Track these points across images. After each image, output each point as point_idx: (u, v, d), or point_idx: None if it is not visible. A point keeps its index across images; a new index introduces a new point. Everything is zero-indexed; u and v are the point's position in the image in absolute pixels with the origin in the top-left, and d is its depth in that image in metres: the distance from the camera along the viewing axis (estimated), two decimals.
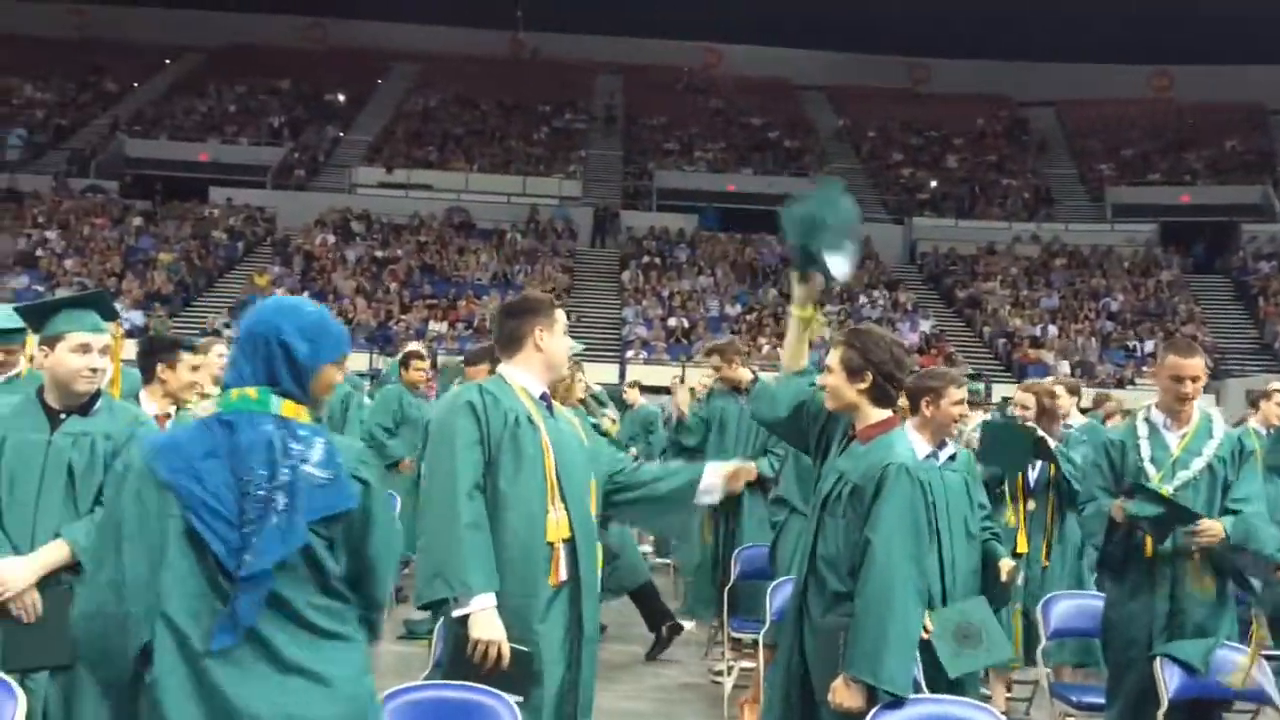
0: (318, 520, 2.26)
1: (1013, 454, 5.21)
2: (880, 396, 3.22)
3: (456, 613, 3.06)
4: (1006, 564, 4.34)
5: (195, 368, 4.26)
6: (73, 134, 31.76)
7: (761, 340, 21.46)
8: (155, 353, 4.34)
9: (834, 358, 3.28)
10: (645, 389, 11.72)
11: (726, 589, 5.66)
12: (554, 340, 3.27)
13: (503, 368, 3.29)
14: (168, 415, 4.25)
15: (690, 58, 38.76)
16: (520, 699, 3.04)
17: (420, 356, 8.08)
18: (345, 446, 2.37)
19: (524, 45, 38.63)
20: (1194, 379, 4.11)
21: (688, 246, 28.02)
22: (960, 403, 4.21)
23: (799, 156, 33.69)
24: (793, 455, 5.36)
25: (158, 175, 29.38)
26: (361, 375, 12.04)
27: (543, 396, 3.26)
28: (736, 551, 5.77)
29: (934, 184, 32.51)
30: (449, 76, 35.83)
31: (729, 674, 5.72)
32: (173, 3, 36.77)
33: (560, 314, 3.34)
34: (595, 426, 5.79)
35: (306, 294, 23.17)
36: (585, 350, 7.99)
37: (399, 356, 8.47)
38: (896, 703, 3.00)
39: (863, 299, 25.28)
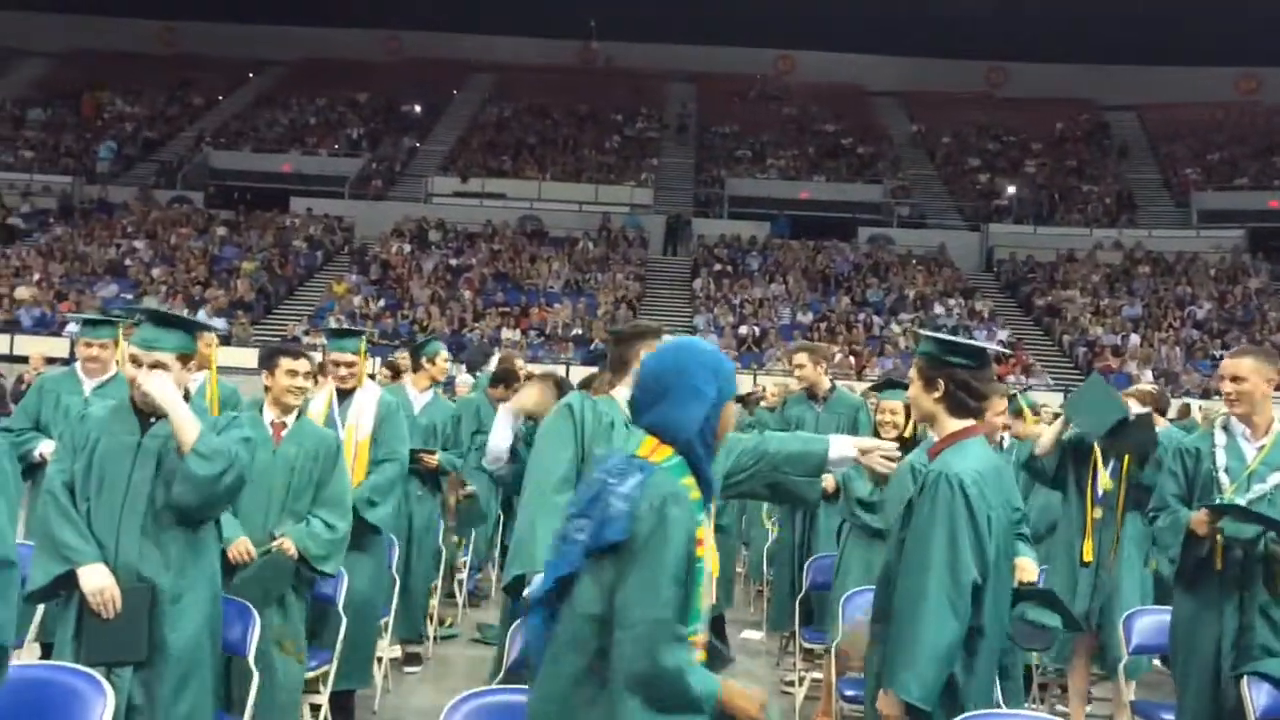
0: (593, 548, 2.24)
1: (1102, 414, 5.05)
2: (956, 405, 3.15)
3: (526, 592, 3.17)
4: (1024, 563, 4.20)
5: (292, 372, 4.37)
6: (161, 146, 32.76)
7: (834, 348, 21.27)
8: (260, 364, 4.55)
9: (913, 367, 3.26)
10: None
11: (798, 599, 5.63)
12: None
13: (614, 390, 3.49)
14: (283, 424, 4.39)
15: (762, 65, 38.65)
16: None
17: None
18: (656, 485, 2.26)
19: (597, 54, 38.89)
20: (1234, 379, 3.97)
21: (759, 254, 27.92)
22: (1002, 413, 4.17)
23: (872, 163, 33.38)
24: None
25: (241, 186, 30.19)
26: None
27: None
28: (809, 561, 5.73)
29: (1011, 190, 31.94)
30: (523, 86, 36.22)
31: (800, 684, 5.67)
32: (256, 18, 37.73)
33: (669, 340, 3.48)
34: None
35: (383, 301, 23.61)
36: None
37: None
38: (924, 715, 2.89)
39: (938, 308, 24.92)
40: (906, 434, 5.25)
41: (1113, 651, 4.91)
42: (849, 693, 4.57)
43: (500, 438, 4.84)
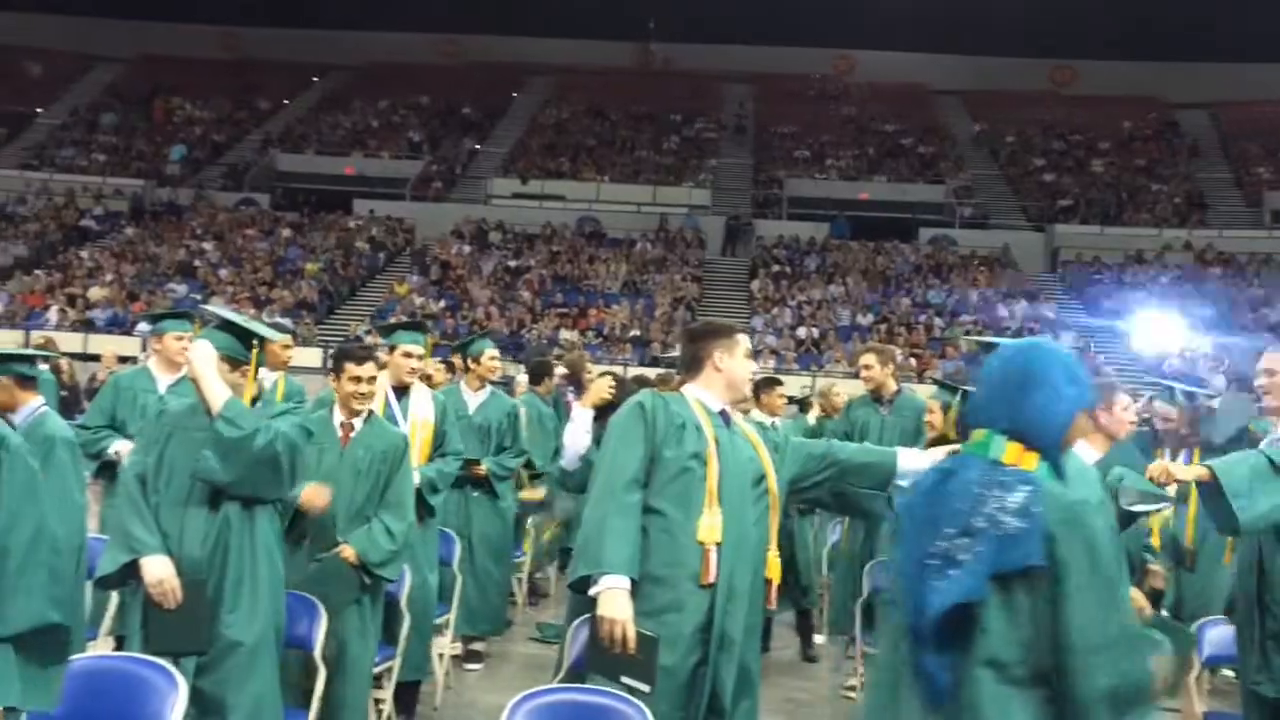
0: (997, 573, 2.07)
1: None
2: None
3: (590, 591, 3.17)
4: (1154, 569, 4.10)
5: (356, 378, 4.42)
6: (228, 150, 33.43)
7: (896, 350, 21.03)
8: (329, 367, 4.68)
9: None
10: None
11: (859, 603, 5.57)
12: (734, 362, 3.45)
13: (685, 387, 3.47)
14: (351, 426, 4.45)
15: (821, 64, 38.37)
16: (648, 688, 3.08)
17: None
18: (1053, 496, 2.13)
19: (655, 56, 38.89)
20: (1269, 372, 3.89)
21: (818, 255, 27.72)
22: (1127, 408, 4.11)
23: (934, 163, 32.98)
24: None
25: (306, 188, 30.69)
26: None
27: (721, 412, 3.41)
28: (869, 565, 5.67)
29: (1077, 190, 31.34)
30: (581, 88, 36.35)
31: (861, 689, 5.61)
32: (319, 24, 38.33)
33: (743, 340, 3.53)
34: None
35: (443, 302, 23.83)
36: None
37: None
38: None
39: (1001, 310, 24.54)
40: (950, 434, 5.22)
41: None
42: None
43: (578, 437, 4.84)
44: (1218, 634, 4.40)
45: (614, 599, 3.11)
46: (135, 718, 3.10)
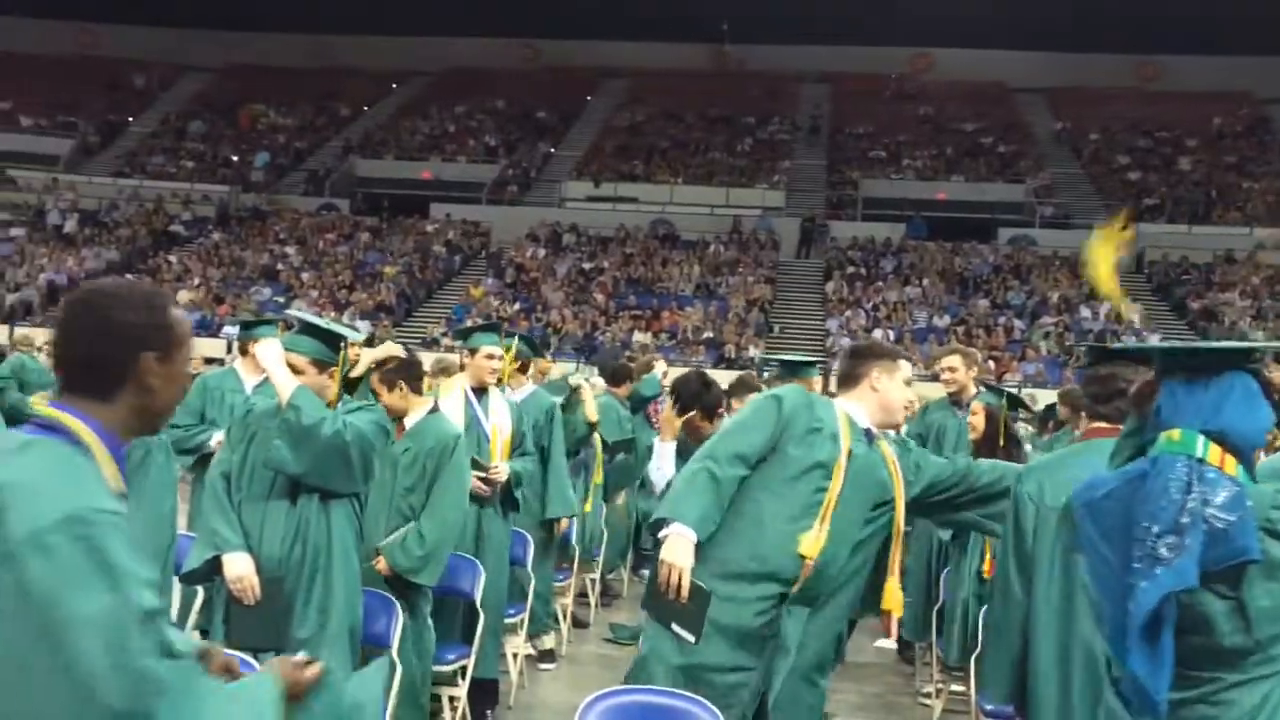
0: (1215, 568, 2.07)
1: None
2: None
3: (660, 533, 3.20)
4: None
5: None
6: (310, 156, 34.19)
7: (978, 353, 20.68)
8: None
9: None
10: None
11: (935, 609, 5.49)
12: (891, 385, 3.44)
13: (838, 399, 3.47)
14: (401, 427, 4.49)
15: (898, 63, 37.88)
16: (694, 639, 3.12)
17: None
18: (1257, 494, 2.13)
19: (729, 57, 38.78)
20: None
21: (893, 256, 27.38)
22: None
23: (1013, 162, 32.36)
24: None
25: (384, 193, 31.24)
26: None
27: (866, 431, 3.39)
28: (945, 571, 5.59)
29: (1164, 188, 30.48)
30: (655, 91, 36.42)
31: (938, 696, 5.53)
32: (398, 31, 38.97)
33: (905, 365, 3.53)
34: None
35: (517, 305, 24.06)
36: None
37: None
38: None
39: (1084, 311, 23.98)
40: (998, 439, 5.14)
41: None
42: (989, 708, 4.44)
43: (665, 473, 4.89)
44: None
45: (677, 544, 3.13)
46: None
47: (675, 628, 3.14)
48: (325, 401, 3.70)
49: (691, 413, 5.00)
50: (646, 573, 6.47)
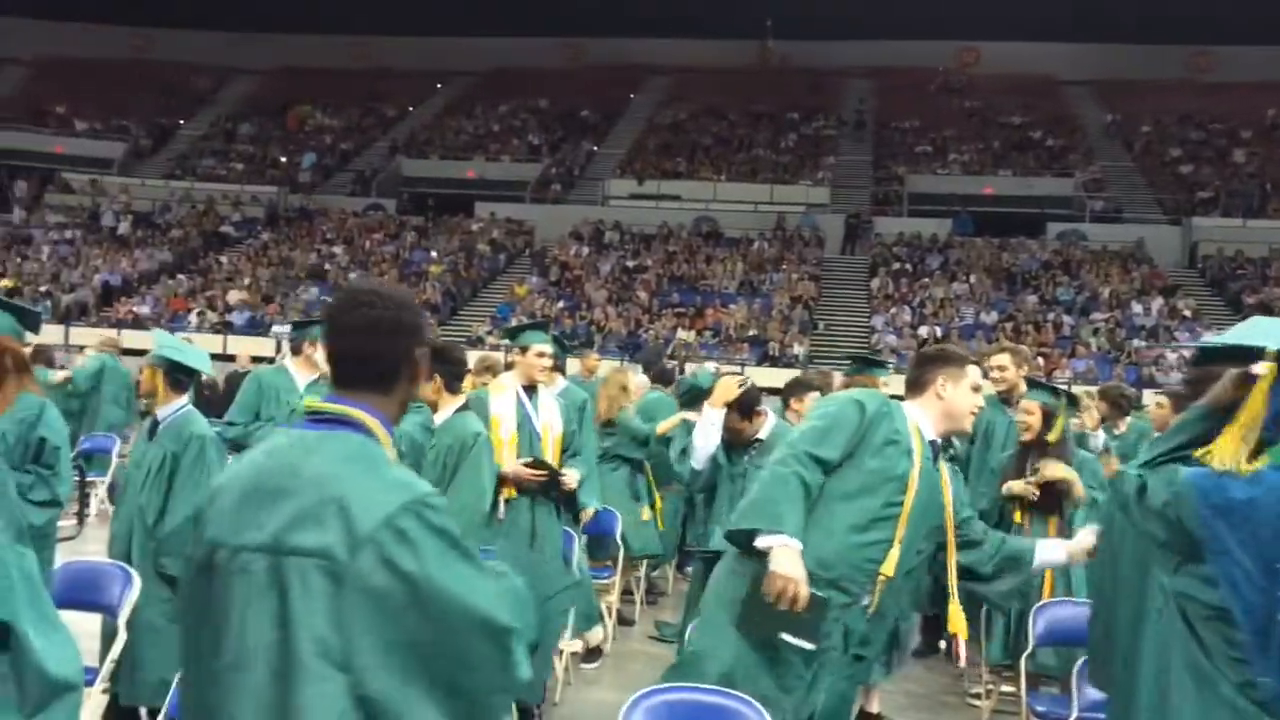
0: None
1: None
2: None
3: (759, 542, 3.12)
4: None
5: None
6: (356, 156, 34.55)
7: (1028, 351, 20.42)
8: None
9: None
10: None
11: (983, 609, 5.41)
12: (957, 392, 3.37)
13: (906, 405, 3.42)
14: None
15: (944, 57, 37.51)
16: (813, 646, 3.10)
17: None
18: None
19: (773, 54, 38.61)
20: None
21: (939, 252, 27.11)
22: None
23: (1062, 156, 31.90)
24: None
25: (429, 193, 31.49)
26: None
27: (931, 443, 3.36)
28: None
29: (1218, 181, 29.89)
30: (699, 88, 36.36)
31: (987, 697, 5.48)
32: (442, 32, 39.26)
33: (973, 371, 3.43)
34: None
35: (561, 303, 24.14)
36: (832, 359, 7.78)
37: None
38: None
39: (1136, 306, 23.59)
40: (1050, 437, 5.08)
41: None
42: (1040, 708, 4.39)
43: (709, 436, 4.85)
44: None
45: (789, 556, 3.05)
46: None
47: (786, 636, 3.09)
48: None
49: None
50: (690, 569, 6.47)
